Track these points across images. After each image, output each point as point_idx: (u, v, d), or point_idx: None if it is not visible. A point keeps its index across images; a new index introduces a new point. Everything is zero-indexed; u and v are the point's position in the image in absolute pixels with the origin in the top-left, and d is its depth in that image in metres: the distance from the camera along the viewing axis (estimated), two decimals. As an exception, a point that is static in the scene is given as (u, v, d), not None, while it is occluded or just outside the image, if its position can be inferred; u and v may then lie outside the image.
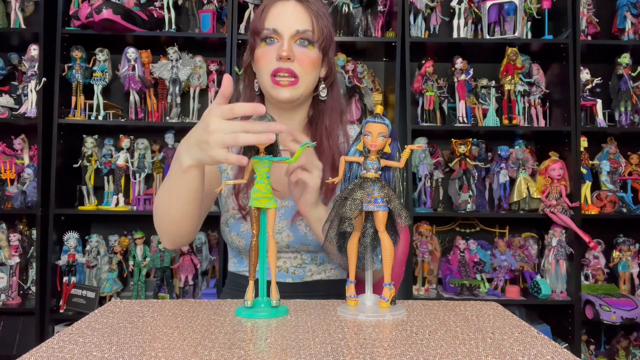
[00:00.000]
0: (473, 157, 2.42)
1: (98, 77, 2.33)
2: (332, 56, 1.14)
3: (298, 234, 1.10)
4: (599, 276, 2.45)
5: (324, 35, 1.09)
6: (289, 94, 1.06)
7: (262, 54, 1.07)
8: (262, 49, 1.07)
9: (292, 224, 1.10)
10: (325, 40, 1.10)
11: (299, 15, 1.07)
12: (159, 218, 1.00)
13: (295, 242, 1.10)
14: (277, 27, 1.05)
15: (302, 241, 1.10)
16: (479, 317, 0.76)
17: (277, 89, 1.06)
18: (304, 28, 1.06)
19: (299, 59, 1.05)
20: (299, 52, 1.06)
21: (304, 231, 1.10)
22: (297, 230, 1.10)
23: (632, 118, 2.44)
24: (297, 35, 1.06)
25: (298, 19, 1.06)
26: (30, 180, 2.33)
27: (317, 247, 1.11)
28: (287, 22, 1.06)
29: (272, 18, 1.06)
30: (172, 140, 2.38)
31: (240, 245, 1.12)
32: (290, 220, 1.10)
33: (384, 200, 0.75)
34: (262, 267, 0.78)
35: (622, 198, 2.40)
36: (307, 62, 1.06)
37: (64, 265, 2.27)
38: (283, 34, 1.05)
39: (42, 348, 0.60)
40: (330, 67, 1.15)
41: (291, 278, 1.13)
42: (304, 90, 1.08)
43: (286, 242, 1.11)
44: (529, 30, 2.43)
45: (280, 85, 1.05)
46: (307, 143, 0.82)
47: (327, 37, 1.10)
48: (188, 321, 0.72)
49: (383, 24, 2.44)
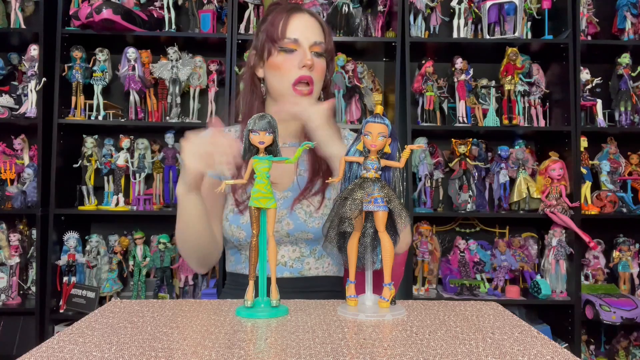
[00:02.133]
0: (473, 157, 2.42)
1: (98, 77, 2.33)
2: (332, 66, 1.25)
3: (297, 221, 1.12)
4: (599, 276, 2.45)
5: (330, 47, 1.20)
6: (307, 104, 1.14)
7: (281, 62, 1.14)
8: (282, 57, 1.14)
9: (292, 212, 1.13)
10: (332, 53, 1.22)
11: (314, 27, 1.17)
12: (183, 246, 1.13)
13: (295, 230, 1.13)
14: (297, 37, 1.14)
15: (301, 228, 1.13)
16: (479, 317, 0.76)
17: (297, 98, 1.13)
18: (319, 40, 1.16)
19: (316, 68, 1.14)
20: (316, 62, 1.15)
21: (303, 218, 1.13)
22: (296, 217, 1.13)
23: (632, 118, 2.44)
24: (314, 47, 1.15)
25: (314, 31, 1.16)
26: (30, 180, 2.33)
27: (316, 235, 1.13)
28: (307, 33, 1.15)
29: (293, 28, 1.14)
30: (172, 140, 2.38)
31: (241, 237, 1.14)
32: (289, 208, 1.13)
33: (384, 200, 0.75)
34: (262, 267, 0.78)
35: (622, 198, 2.40)
36: (320, 71, 1.17)
37: (64, 265, 2.26)
38: (303, 44, 1.14)
39: (42, 348, 0.60)
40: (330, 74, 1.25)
41: (289, 272, 1.14)
42: (315, 96, 1.17)
43: (286, 230, 1.13)
44: (529, 30, 2.43)
45: (302, 94, 1.13)
46: (306, 143, 0.82)
47: (332, 50, 1.22)
48: (188, 321, 0.72)
49: (383, 24, 2.44)
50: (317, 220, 1.13)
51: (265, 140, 0.77)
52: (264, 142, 0.77)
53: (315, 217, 1.13)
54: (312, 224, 1.13)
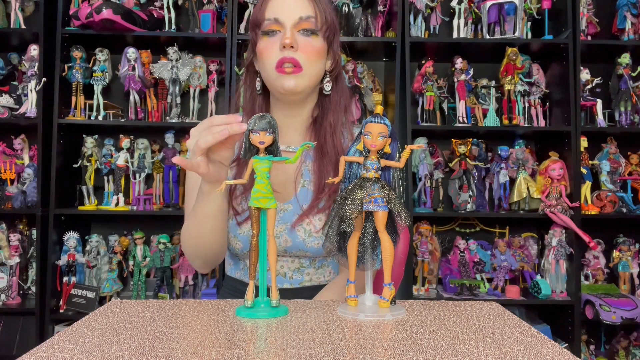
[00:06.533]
0: (473, 157, 2.42)
1: (98, 77, 2.33)
2: (336, 47, 1.11)
3: (296, 239, 1.07)
4: (599, 276, 2.45)
5: (327, 23, 1.05)
6: (293, 82, 1.03)
7: (264, 47, 1.03)
8: (265, 42, 1.04)
9: (292, 230, 1.07)
10: (330, 29, 1.06)
11: (300, 2, 1.03)
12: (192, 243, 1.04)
13: (293, 248, 1.08)
14: (278, 16, 1.02)
15: (300, 247, 1.08)
16: (479, 317, 0.76)
17: (282, 77, 1.02)
18: (307, 14, 1.02)
19: (303, 48, 1.02)
20: (303, 42, 1.02)
21: (302, 237, 1.07)
22: (295, 236, 1.07)
23: (632, 118, 2.44)
24: (300, 24, 1.02)
25: (300, 6, 1.03)
26: (30, 180, 2.33)
27: (315, 254, 1.09)
28: (289, 9, 1.02)
29: (272, 7, 1.03)
30: (172, 140, 2.38)
31: (237, 247, 1.09)
32: (290, 224, 1.07)
33: (384, 200, 0.75)
34: (262, 268, 0.78)
35: (622, 198, 2.40)
36: (311, 51, 1.03)
37: (64, 265, 2.27)
38: (285, 23, 1.02)
39: (42, 348, 0.60)
40: (335, 58, 1.11)
41: (289, 283, 1.10)
42: (309, 81, 1.05)
43: (284, 247, 1.08)
44: (529, 30, 2.43)
45: (285, 72, 1.01)
46: (307, 143, 0.82)
47: (331, 26, 1.06)
48: (188, 321, 0.72)
49: (383, 24, 2.44)
50: (317, 240, 1.06)
51: (265, 140, 0.77)
52: (264, 142, 0.77)
53: (315, 236, 1.06)
54: (310, 243, 1.07)
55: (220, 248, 1.07)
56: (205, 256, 1.08)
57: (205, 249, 1.05)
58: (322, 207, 1.08)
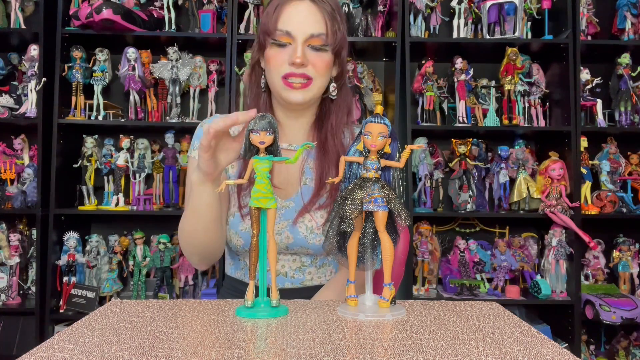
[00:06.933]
0: (473, 157, 2.42)
1: (98, 77, 2.33)
2: (344, 56, 1.12)
3: (298, 236, 1.08)
4: (599, 276, 2.44)
5: (337, 38, 1.06)
6: (301, 97, 1.05)
7: (273, 55, 1.05)
8: (274, 51, 1.05)
9: (294, 226, 1.08)
10: (339, 44, 1.08)
11: (313, 17, 1.04)
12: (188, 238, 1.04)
13: (295, 245, 1.09)
14: (290, 30, 1.03)
15: (301, 244, 1.08)
16: (479, 317, 0.76)
17: (289, 91, 1.04)
18: (318, 32, 1.03)
19: (313, 62, 1.04)
20: (313, 56, 1.04)
21: (304, 234, 1.08)
22: (297, 232, 1.08)
23: (632, 118, 2.44)
24: (311, 39, 1.03)
25: (312, 22, 1.04)
26: (30, 180, 2.33)
27: (317, 251, 1.09)
28: (301, 24, 1.03)
29: (285, 19, 1.04)
30: (172, 140, 2.38)
31: (238, 244, 1.10)
32: (292, 220, 1.08)
33: (384, 200, 0.75)
34: (262, 268, 0.78)
35: (622, 198, 2.40)
36: (320, 65, 1.05)
37: (64, 265, 2.26)
38: (297, 37, 1.03)
39: (42, 348, 0.60)
40: (342, 67, 1.13)
41: (290, 282, 1.11)
42: (316, 92, 1.07)
43: (285, 243, 1.09)
44: (529, 30, 2.43)
45: (293, 87, 1.03)
46: (307, 143, 0.82)
47: (340, 40, 1.08)
48: (188, 321, 0.72)
49: (383, 24, 2.44)
50: (318, 237, 1.07)
51: (265, 140, 0.77)
52: (264, 142, 0.77)
53: (316, 233, 1.07)
54: (312, 240, 1.07)
55: (216, 243, 1.06)
56: (201, 252, 1.07)
57: (200, 243, 1.04)
58: (324, 203, 1.08)
